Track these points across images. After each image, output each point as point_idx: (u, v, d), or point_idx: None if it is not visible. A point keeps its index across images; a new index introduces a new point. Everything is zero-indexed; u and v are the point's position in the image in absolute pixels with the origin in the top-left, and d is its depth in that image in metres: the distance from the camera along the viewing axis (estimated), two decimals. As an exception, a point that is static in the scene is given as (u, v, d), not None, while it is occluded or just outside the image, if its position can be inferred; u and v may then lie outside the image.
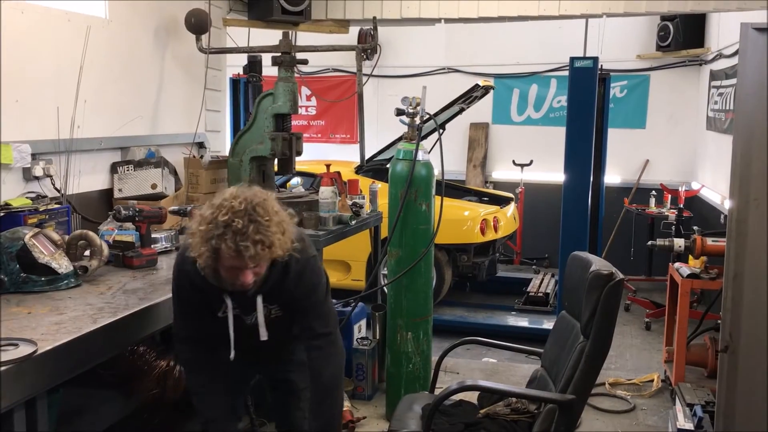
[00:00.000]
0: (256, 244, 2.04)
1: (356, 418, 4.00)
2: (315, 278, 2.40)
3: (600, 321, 2.36)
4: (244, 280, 2.13)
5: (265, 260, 2.12)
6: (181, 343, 2.45)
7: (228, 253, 2.04)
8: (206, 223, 2.08)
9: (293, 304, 2.39)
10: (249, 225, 2.05)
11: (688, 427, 3.56)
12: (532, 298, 6.53)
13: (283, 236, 2.14)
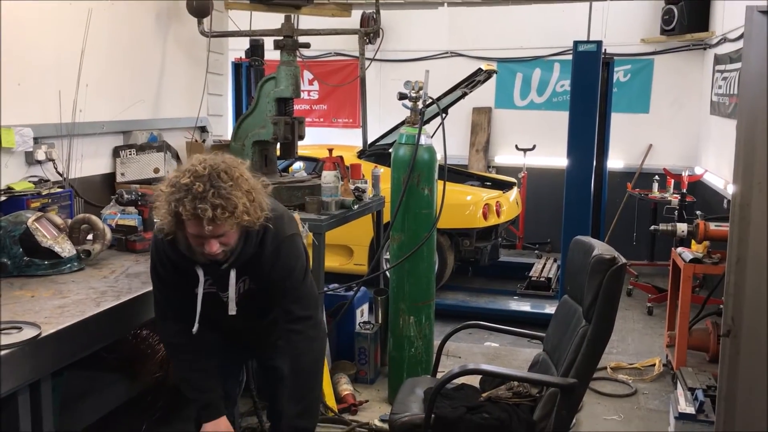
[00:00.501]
0: (216, 207, 1.98)
1: (358, 401, 4.02)
2: (292, 260, 2.31)
3: (602, 305, 2.36)
4: (209, 249, 2.07)
5: (228, 226, 2.04)
6: (164, 324, 2.39)
7: (186, 216, 1.99)
8: (170, 185, 2.04)
9: (270, 285, 2.32)
10: (210, 189, 1.99)
11: (690, 411, 3.57)
12: (535, 282, 6.54)
13: (251, 204, 2.07)
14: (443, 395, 2.61)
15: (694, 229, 4.20)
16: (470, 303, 6.24)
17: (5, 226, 2.60)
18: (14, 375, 1.92)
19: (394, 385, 4.01)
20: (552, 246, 7.98)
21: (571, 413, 2.47)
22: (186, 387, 2.41)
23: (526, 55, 8.33)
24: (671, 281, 4.70)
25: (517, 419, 2.45)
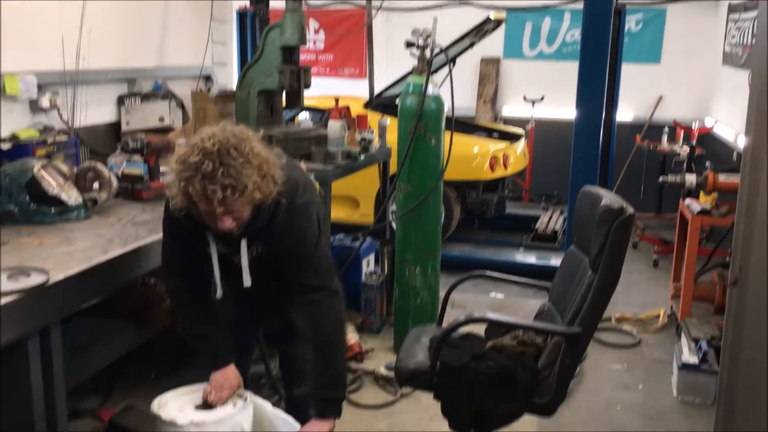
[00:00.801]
0: (225, 188, 1.91)
1: (364, 350, 4.06)
2: (304, 228, 2.23)
3: (609, 255, 2.35)
4: (222, 225, 2.02)
5: (240, 205, 1.99)
6: (169, 276, 2.36)
7: (197, 197, 1.94)
8: (179, 162, 1.97)
9: (282, 255, 2.26)
10: (219, 168, 1.91)
11: (693, 361, 3.60)
12: (541, 235, 6.53)
13: (262, 180, 2.00)
14: (448, 344, 2.62)
15: (703, 181, 4.17)
16: (476, 255, 6.25)
17: (11, 174, 2.59)
18: (23, 320, 1.93)
19: (399, 334, 4.05)
20: (559, 198, 7.95)
21: (576, 362, 2.49)
22: (191, 337, 2.42)
23: (536, 4, 8.16)
24: (678, 233, 4.69)
25: (522, 367, 2.46)
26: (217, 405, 2.24)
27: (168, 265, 2.35)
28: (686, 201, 4.42)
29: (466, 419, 2.49)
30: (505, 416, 2.52)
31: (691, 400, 3.59)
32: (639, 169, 7.61)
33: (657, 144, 7.01)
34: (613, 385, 3.79)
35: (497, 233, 6.99)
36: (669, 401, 3.62)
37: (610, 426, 3.37)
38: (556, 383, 2.43)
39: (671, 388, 3.73)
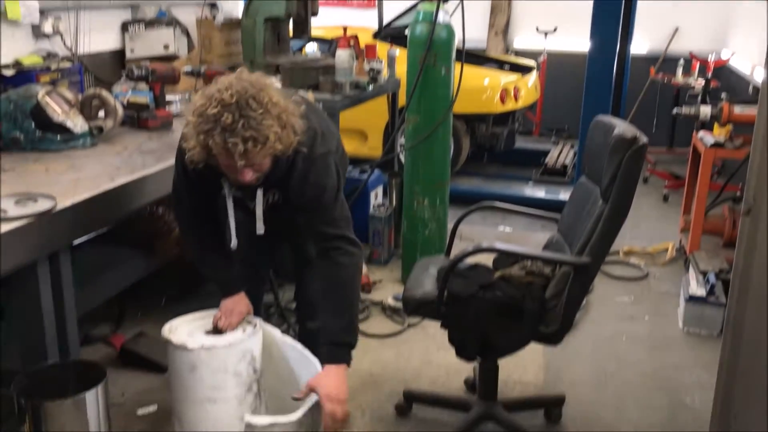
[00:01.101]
0: (246, 141, 1.87)
1: (372, 281, 4.09)
2: (322, 180, 2.17)
3: (621, 184, 2.32)
4: (243, 178, 2.00)
5: (261, 157, 1.95)
6: (178, 206, 2.34)
7: (217, 150, 1.90)
8: (197, 114, 1.92)
9: (301, 206, 2.22)
10: (239, 120, 1.87)
11: (700, 293, 3.61)
12: (550, 169, 6.48)
13: (283, 130, 1.95)
14: (456, 274, 2.63)
15: (718, 112, 4.09)
16: (484, 189, 6.21)
17: (16, 100, 2.56)
18: (32, 245, 1.94)
19: (407, 266, 4.06)
20: (569, 133, 7.87)
21: (583, 292, 2.50)
22: (200, 265, 2.43)
23: (551, -70, 7.89)
24: (690, 167, 4.64)
25: (530, 297, 2.47)
26: (226, 331, 2.27)
27: (178, 196, 2.33)
28: (700, 133, 4.35)
29: (473, 348, 2.52)
30: (511, 345, 2.54)
31: (696, 331, 3.62)
32: (652, 103, 7.49)
33: (671, 77, 6.87)
34: (620, 317, 3.81)
35: (506, 167, 6.94)
36: (675, 333, 3.65)
37: (615, 356, 3.41)
38: (563, 313, 2.44)
39: (677, 320, 3.75)
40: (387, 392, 3.05)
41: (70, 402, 1.96)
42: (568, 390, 3.07)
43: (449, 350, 2.61)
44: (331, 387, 2.06)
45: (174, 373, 2.24)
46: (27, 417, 1.94)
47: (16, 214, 1.90)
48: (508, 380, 3.15)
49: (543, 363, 3.31)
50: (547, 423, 2.87)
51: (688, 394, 3.09)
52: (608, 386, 3.14)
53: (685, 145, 6.67)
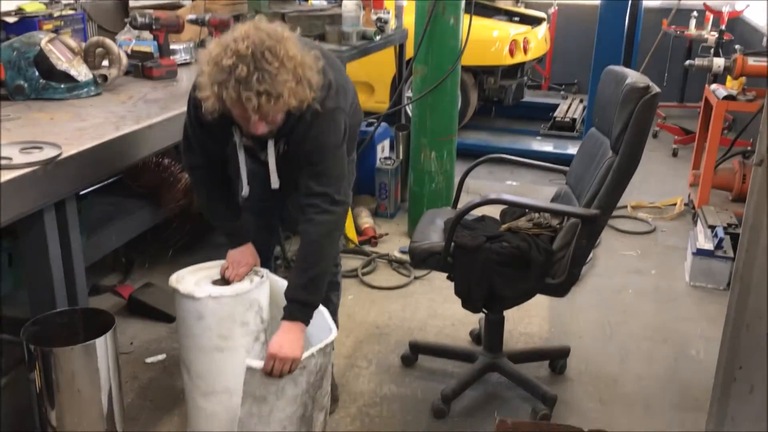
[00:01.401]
0: (260, 95, 1.83)
1: (378, 234, 4.09)
2: (324, 136, 2.12)
3: (631, 135, 2.29)
4: (255, 131, 1.97)
5: (274, 112, 1.92)
6: (188, 154, 2.30)
7: (231, 102, 1.87)
8: (212, 64, 1.87)
9: (299, 154, 2.16)
10: (254, 73, 1.82)
11: (708, 247, 3.60)
12: (559, 123, 6.41)
13: (298, 85, 1.90)
14: (463, 225, 2.62)
15: (732, 64, 4.02)
16: (492, 143, 6.16)
17: (19, 48, 2.52)
18: (38, 193, 1.93)
19: (414, 219, 4.06)
20: (579, 87, 7.76)
21: (591, 244, 2.48)
22: (209, 214, 2.42)
23: None
24: (701, 121, 4.59)
25: (537, 248, 2.46)
26: (233, 281, 2.27)
27: (188, 143, 2.30)
28: (712, 86, 4.29)
29: (479, 299, 2.52)
30: (517, 296, 2.54)
31: (703, 285, 3.62)
32: (664, 56, 7.36)
33: (684, 29, 6.74)
34: (626, 271, 3.81)
35: (514, 122, 6.87)
36: (681, 286, 3.65)
37: (621, 308, 3.42)
38: (570, 265, 2.43)
39: (684, 274, 3.75)
40: (393, 343, 3.08)
41: (80, 348, 1.97)
42: (573, 342, 3.09)
43: (455, 302, 2.62)
44: (281, 343, 2.01)
45: (182, 323, 2.25)
46: (37, 364, 1.96)
47: (21, 162, 1.88)
48: (514, 332, 3.17)
49: (548, 315, 3.32)
50: (552, 374, 2.89)
51: (693, 347, 3.10)
52: (613, 338, 3.16)
53: (696, 100, 6.58)
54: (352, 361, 2.94)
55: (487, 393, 2.76)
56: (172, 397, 2.68)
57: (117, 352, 2.09)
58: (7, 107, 2.45)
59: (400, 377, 2.85)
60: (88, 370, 2.01)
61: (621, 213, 4.49)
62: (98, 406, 2.05)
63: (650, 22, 7.15)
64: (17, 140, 2.06)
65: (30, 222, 1.99)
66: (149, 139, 2.40)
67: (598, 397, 2.75)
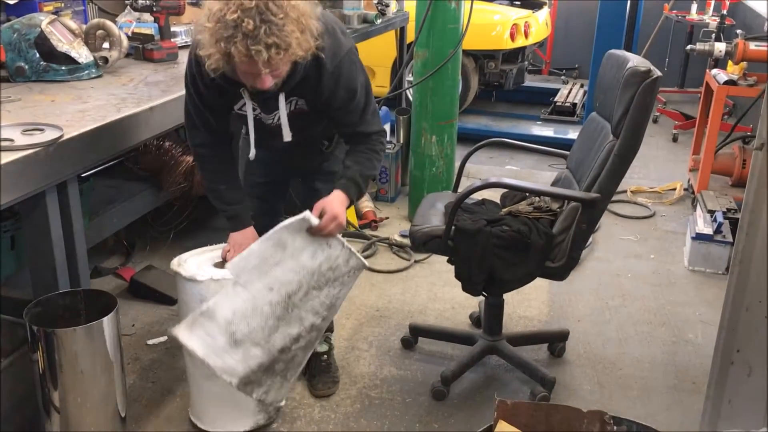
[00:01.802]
0: (270, 47, 1.82)
1: (379, 218, 4.10)
2: (353, 80, 2.16)
3: (632, 119, 2.29)
4: (262, 85, 1.96)
5: (283, 64, 1.92)
6: (192, 132, 2.30)
7: (239, 57, 1.84)
8: (215, 20, 1.84)
9: (329, 109, 2.21)
10: (261, 26, 1.80)
11: (707, 231, 3.61)
12: (559, 107, 6.40)
13: (302, 35, 1.89)
14: (464, 209, 2.63)
15: (733, 49, 4.02)
16: (492, 127, 6.16)
17: (19, 29, 2.52)
18: (40, 175, 1.93)
19: (414, 203, 4.06)
20: (579, 72, 7.75)
21: (591, 228, 2.49)
22: (213, 196, 2.41)
23: None
24: (702, 105, 4.59)
25: (537, 232, 2.47)
26: None
27: (191, 123, 2.29)
28: (713, 71, 4.28)
29: (479, 282, 2.53)
30: (517, 279, 2.55)
31: (702, 269, 3.63)
32: (665, 41, 7.34)
33: (686, 13, 6.72)
34: (625, 255, 3.83)
35: (515, 106, 6.86)
36: (680, 270, 3.66)
37: (619, 292, 3.43)
38: (570, 248, 2.45)
39: (683, 259, 3.76)
40: (393, 326, 3.10)
41: (83, 330, 1.98)
42: (572, 325, 3.11)
43: (455, 286, 2.64)
44: (336, 206, 2.15)
45: (184, 305, 2.26)
46: (39, 345, 1.97)
47: (23, 143, 1.89)
48: (513, 315, 3.19)
49: (547, 299, 3.34)
50: (551, 357, 2.91)
51: (691, 330, 3.12)
52: (612, 322, 3.18)
53: (696, 85, 6.58)
54: (352, 344, 2.96)
55: (487, 375, 2.78)
56: (175, 379, 2.70)
57: (119, 333, 2.10)
58: (8, 89, 2.45)
59: (400, 360, 2.87)
60: (91, 352, 2.02)
61: (621, 198, 4.50)
62: (101, 387, 2.07)
63: (652, 6, 7.12)
64: (19, 122, 2.05)
65: (32, 204, 1.99)
66: (150, 121, 2.40)
67: (597, 380, 2.77)
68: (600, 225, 4.02)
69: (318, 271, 2.12)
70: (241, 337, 2.04)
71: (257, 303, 2.05)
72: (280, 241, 2.07)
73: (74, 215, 2.12)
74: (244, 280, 2.05)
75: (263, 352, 2.09)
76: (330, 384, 2.66)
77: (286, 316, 2.11)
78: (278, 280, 2.07)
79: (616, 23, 4.98)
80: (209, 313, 2.01)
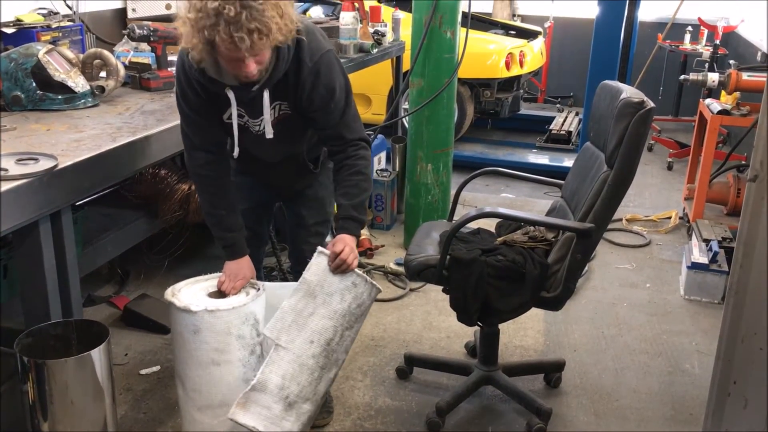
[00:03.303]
0: (252, 33, 1.85)
1: (375, 246, 4.09)
2: (333, 79, 2.15)
3: (626, 149, 2.30)
4: (247, 71, 1.96)
5: (266, 48, 1.94)
6: (192, 154, 2.32)
7: (223, 45, 1.87)
8: (195, 10, 1.87)
9: (310, 111, 2.20)
10: (242, 11, 1.83)
11: (703, 260, 3.61)
12: (555, 135, 6.44)
13: (282, 19, 1.92)
14: (459, 238, 2.63)
15: (726, 79, 4.05)
16: (488, 155, 6.19)
17: (16, 59, 2.53)
18: (33, 204, 1.92)
19: (409, 231, 4.06)
20: (574, 100, 7.80)
21: (586, 258, 2.49)
22: (212, 223, 2.39)
23: None
24: (696, 135, 4.61)
25: (532, 261, 2.47)
26: (230, 294, 2.27)
27: (188, 142, 2.30)
28: (707, 101, 4.31)
29: (474, 312, 2.52)
30: (512, 309, 2.54)
31: (697, 299, 3.62)
32: (659, 70, 7.42)
33: (679, 43, 6.79)
34: (621, 284, 3.82)
35: (510, 134, 6.91)
36: (676, 300, 3.65)
37: (615, 321, 3.42)
38: (565, 278, 2.44)
39: (679, 288, 3.75)
40: (388, 355, 3.07)
41: (74, 361, 1.96)
42: (568, 355, 3.09)
43: (450, 315, 2.62)
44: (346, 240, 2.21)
45: (177, 336, 2.24)
46: (30, 376, 1.95)
47: (17, 173, 1.88)
48: (509, 345, 3.17)
49: (543, 328, 3.32)
50: (547, 387, 2.89)
51: (687, 360, 3.11)
52: (608, 352, 3.16)
53: (691, 114, 6.62)
54: (347, 374, 2.93)
55: (482, 406, 2.76)
56: (166, 410, 2.67)
57: (111, 363, 2.08)
58: (4, 118, 2.45)
59: (395, 390, 2.85)
60: (82, 383, 2.00)
61: (616, 226, 4.50)
62: (91, 418, 2.04)
63: (645, 36, 7.21)
64: (14, 151, 2.05)
65: (25, 233, 1.98)
66: (146, 150, 2.40)
67: (593, 411, 2.75)
68: (596, 253, 4.02)
69: (348, 312, 2.20)
70: (294, 398, 2.13)
71: (302, 360, 2.13)
72: (308, 290, 2.15)
73: (67, 245, 2.11)
74: (285, 340, 2.12)
75: (312, 405, 2.20)
76: (324, 414, 2.63)
77: (328, 363, 2.21)
78: (316, 332, 2.15)
79: (611, 53, 5.03)
80: (261, 386, 2.09)
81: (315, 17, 4.88)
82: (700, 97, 4.55)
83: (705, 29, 6.71)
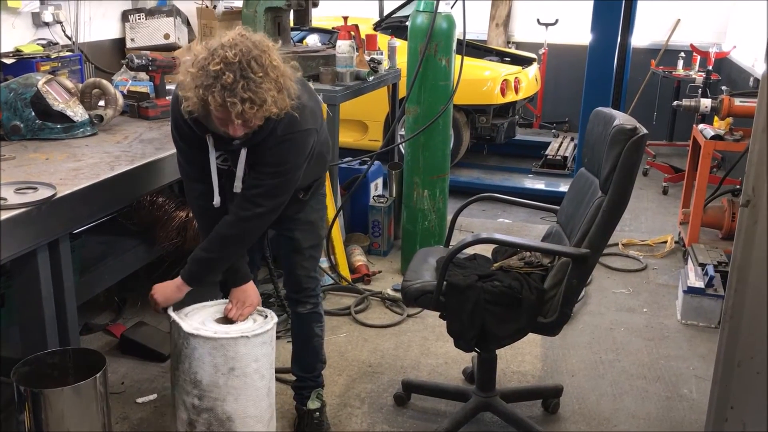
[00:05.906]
0: (244, 102, 1.91)
1: (372, 272, 4.10)
2: (289, 155, 2.17)
3: (620, 176, 2.32)
4: (234, 132, 2.02)
5: (257, 118, 1.99)
6: (189, 184, 2.35)
7: (215, 106, 1.93)
8: (198, 67, 1.94)
9: (254, 164, 2.20)
10: (239, 81, 1.90)
11: (699, 285, 3.62)
12: (550, 161, 6.49)
13: (279, 94, 1.99)
14: (455, 264, 2.64)
15: (719, 105, 4.09)
16: (484, 180, 6.23)
17: (16, 89, 2.56)
18: (32, 233, 1.94)
19: (407, 257, 4.07)
20: (569, 125, 7.86)
21: (582, 283, 2.50)
22: None
23: None
24: (690, 160, 4.64)
25: (528, 287, 2.47)
26: (237, 321, 2.27)
27: (185, 173, 2.33)
28: (700, 126, 4.35)
29: (471, 338, 2.52)
30: (509, 335, 2.54)
31: (694, 323, 3.63)
32: (652, 96, 7.49)
33: (672, 69, 6.87)
34: (618, 308, 3.82)
35: (506, 160, 6.95)
36: (673, 324, 3.66)
37: (612, 346, 3.42)
38: (561, 304, 2.44)
39: (675, 312, 3.76)
40: (386, 382, 3.07)
41: (70, 390, 1.96)
42: (566, 380, 3.08)
43: (448, 340, 2.62)
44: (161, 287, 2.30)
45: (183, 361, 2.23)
46: (26, 405, 1.94)
47: (16, 203, 1.90)
48: (506, 370, 3.16)
49: (541, 354, 3.32)
50: (545, 413, 2.88)
51: (685, 385, 3.10)
52: (606, 377, 3.16)
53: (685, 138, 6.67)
54: (344, 401, 2.92)
55: (480, 433, 2.75)
56: (163, 438, 2.66)
57: (107, 393, 2.08)
58: (4, 147, 2.48)
59: (393, 417, 2.84)
60: (78, 412, 1.99)
61: (612, 250, 4.51)
62: (88, 448, 2.04)
63: (639, 62, 7.28)
64: (12, 180, 2.07)
65: (23, 262, 2.00)
66: (144, 178, 2.43)
67: (592, 437, 2.74)
68: (592, 278, 4.03)
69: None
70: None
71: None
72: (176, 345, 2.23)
73: (65, 273, 2.13)
74: None
75: None
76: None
77: None
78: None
79: (604, 78, 5.08)
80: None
81: (312, 45, 4.93)
82: (694, 122, 4.59)
83: (697, 55, 6.79)
